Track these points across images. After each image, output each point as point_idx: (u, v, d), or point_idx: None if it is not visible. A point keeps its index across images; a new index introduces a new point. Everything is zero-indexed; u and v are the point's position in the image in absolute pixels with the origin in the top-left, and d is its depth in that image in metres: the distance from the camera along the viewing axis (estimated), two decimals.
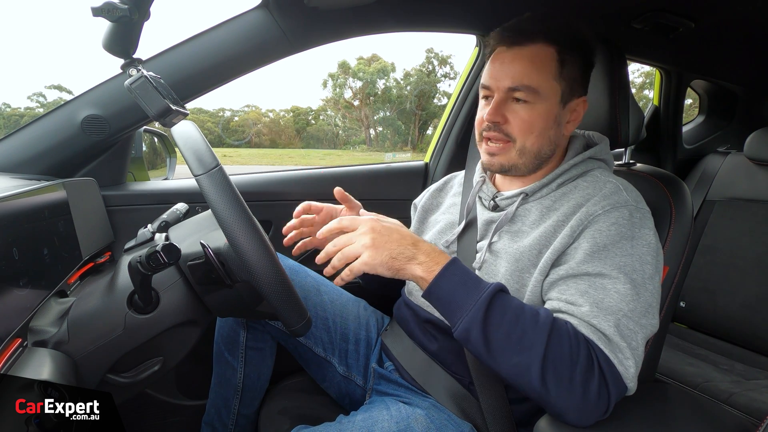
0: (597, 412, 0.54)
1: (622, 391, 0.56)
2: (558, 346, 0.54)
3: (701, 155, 1.76)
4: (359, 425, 0.66)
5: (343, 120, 34.16)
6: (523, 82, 0.66)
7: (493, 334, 0.55)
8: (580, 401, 0.53)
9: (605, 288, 0.59)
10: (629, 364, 0.55)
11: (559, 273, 0.63)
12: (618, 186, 0.67)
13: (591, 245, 0.61)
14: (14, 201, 0.60)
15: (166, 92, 0.68)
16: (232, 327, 0.90)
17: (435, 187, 0.95)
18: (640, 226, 0.63)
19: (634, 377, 0.56)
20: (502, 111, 0.68)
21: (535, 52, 0.67)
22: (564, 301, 0.61)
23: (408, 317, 0.82)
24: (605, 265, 0.60)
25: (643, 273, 0.60)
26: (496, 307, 0.56)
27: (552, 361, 0.53)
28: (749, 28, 1.20)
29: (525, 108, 0.67)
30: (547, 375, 0.53)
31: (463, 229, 0.78)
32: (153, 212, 0.89)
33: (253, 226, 0.55)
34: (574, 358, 0.54)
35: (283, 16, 0.95)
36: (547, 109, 0.68)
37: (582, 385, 0.53)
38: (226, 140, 32.96)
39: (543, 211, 0.70)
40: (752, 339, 1.38)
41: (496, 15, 1.08)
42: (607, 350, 0.55)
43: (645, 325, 0.58)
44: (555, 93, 0.68)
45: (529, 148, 0.69)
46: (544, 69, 0.66)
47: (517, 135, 0.68)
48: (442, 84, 32.05)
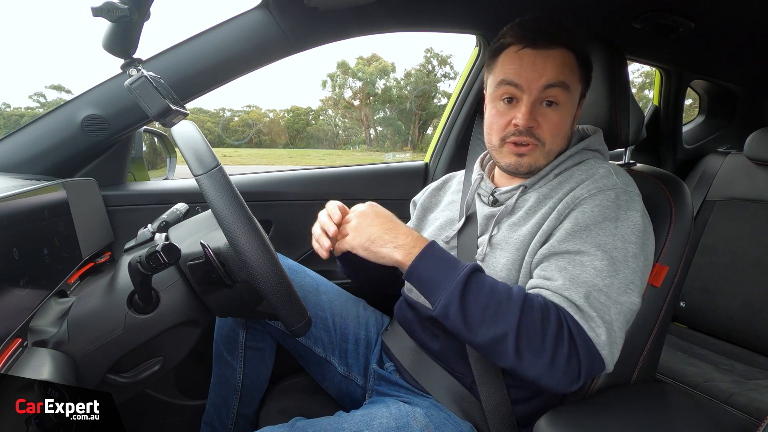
0: (569, 376, 0.56)
1: (595, 359, 0.57)
2: (530, 314, 0.56)
3: (701, 155, 1.76)
4: (357, 420, 0.67)
5: (343, 120, 34.17)
6: (559, 79, 0.67)
7: (471, 309, 0.58)
8: (549, 364, 0.55)
9: (583, 264, 0.60)
10: (600, 332, 0.56)
11: (542, 252, 0.64)
12: (610, 170, 0.68)
13: (573, 225, 0.63)
14: (14, 201, 0.60)
15: (166, 92, 0.68)
16: (231, 327, 0.90)
17: (434, 185, 0.96)
18: (627, 208, 0.63)
19: (605, 345, 0.56)
20: (535, 116, 0.68)
21: (563, 55, 0.68)
22: (542, 277, 0.62)
23: (410, 316, 0.82)
24: (585, 243, 0.61)
25: (626, 251, 0.61)
26: (473, 284, 0.59)
27: (525, 329, 0.56)
28: (749, 28, 1.20)
29: (555, 111, 0.68)
30: (521, 343, 0.56)
31: (463, 224, 0.78)
32: (153, 212, 0.89)
33: (253, 226, 0.55)
34: (545, 324, 0.56)
35: (283, 16, 0.95)
36: (571, 110, 0.71)
37: (552, 348, 0.55)
38: (226, 140, 32.95)
39: (540, 198, 0.71)
40: (752, 339, 1.38)
41: (497, 15, 1.08)
42: (577, 316, 0.57)
43: (622, 302, 0.59)
44: (578, 92, 0.71)
45: (555, 150, 0.72)
46: (573, 70, 0.69)
47: (546, 138, 0.69)
48: (442, 84, 32.05)
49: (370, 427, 0.65)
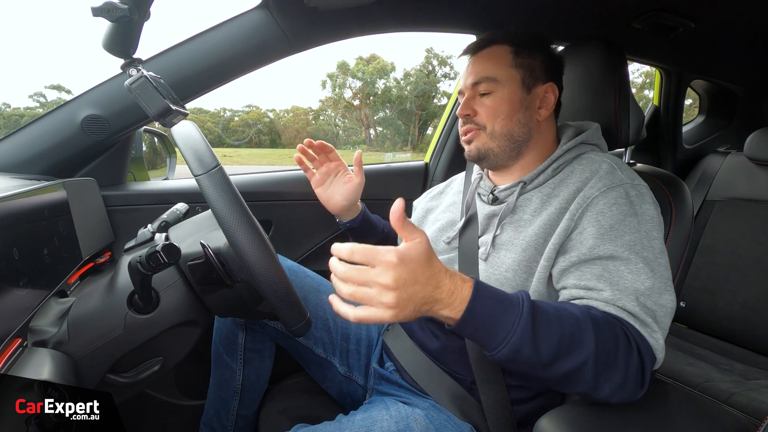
0: (638, 386, 0.55)
1: (653, 363, 0.57)
2: (603, 335, 0.53)
3: (701, 155, 1.76)
4: (358, 425, 0.66)
5: (343, 120, 34.16)
6: (482, 75, 0.74)
7: (545, 346, 0.51)
8: (623, 380, 0.53)
9: (619, 270, 0.59)
10: (658, 336, 0.57)
11: (571, 260, 0.63)
12: (612, 165, 0.68)
13: (597, 228, 0.62)
14: (14, 201, 0.60)
15: (166, 92, 0.68)
16: (230, 329, 0.90)
17: (437, 189, 0.97)
18: (640, 202, 0.64)
19: (663, 348, 0.57)
20: (471, 105, 0.76)
21: (492, 50, 0.76)
22: (583, 288, 0.61)
23: None
24: (616, 246, 0.60)
25: (653, 249, 0.61)
26: (540, 319, 0.52)
27: (602, 350, 0.52)
28: (749, 28, 1.20)
29: (488, 98, 0.75)
30: (599, 366, 0.52)
31: (464, 224, 0.78)
32: (153, 212, 0.89)
33: (253, 226, 0.55)
34: (617, 340, 0.54)
35: (283, 16, 0.95)
36: (509, 94, 0.74)
37: (625, 363, 0.53)
38: (226, 140, 32.95)
39: (544, 198, 0.70)
40: (752, 339, 1.38)
41: (496, 15, 1.08)
42: (636, 325, 0.56)
43: (664, 303, 0.59)
44: (514, 79, 0.74)
45: (499, 131, 0.74)
46: (500, 61, 0.74)
47: (485, 121, 0.75)
48: (442, 84, 32.07)
49: (369, 429, 0.65)
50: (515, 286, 0.67)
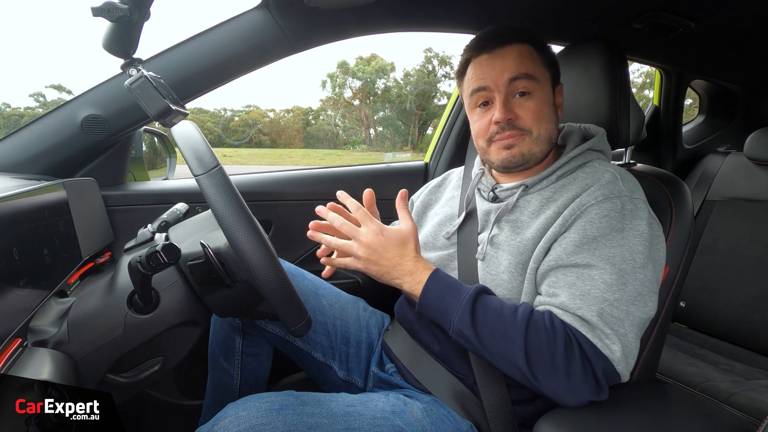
0: (586, 390, 0.56)
1: (610, 372, 0.57)
2: (535, 337, 0.57)
3: (701, 155, 1.76)
4: (357, 400, 0.67)
5: (343, 120, 34.15)
6: (521, 70, 0.69)
7: (481, 332, 0.60)
8: (566, 383, 0.56)
9: (592, 278, 0.60)
10: (615, 348, 0.57)
11: (549, 263, 0.64)
12: (615, 175, 0.67)
13: (581, 236, 0.62)
14: (14, 201, 0.60)
15: (166, 92, 0.68)
16: (227, 333, 0.89)
17: (434, 183, 0.95)
18: (632, 217, 0.63)
19: (621, 360, 0.57)
20: (512, 109, 0.70)
21: (518, 48, 0.70)
22: (551, 294, 0.62)
23: (410, 316, 0.81)
24: (593, 256, 0.61)
25: (633, 262, 0.60)
26: (479, 308, 0.61)
27: (532, 351, 0.57)
28: (749, 28, 1.20)
29: (530, 100, 0.70)
30: (531, 365, 0.57)
31: (463, 220, 0.78)
32: (153, 212, 0.89)
33: (253, 226, 0.55)
34: (551, 345, 0.57)
35: (283, 16, 0.95)
36: (546, 95, 0.72)
37: (565, 368, 0.56)
38: (226, 140, 32.94)
39: (543, 201, 0.70)
40: (752, 339, 1.38)
41: (496, 15, 1.08)
42: (588, 334, 0.57)
43: (633, 313, 0.59)
44: (547, 78, 0.72)
45: (544, 135, 0.71)
46: (532, 58, 0.70)
47: (531, 125, 0.70)
48: (442, 84, 32.06)
49: (365, 405, 0.66)
50: (511, 288, 0.67)
